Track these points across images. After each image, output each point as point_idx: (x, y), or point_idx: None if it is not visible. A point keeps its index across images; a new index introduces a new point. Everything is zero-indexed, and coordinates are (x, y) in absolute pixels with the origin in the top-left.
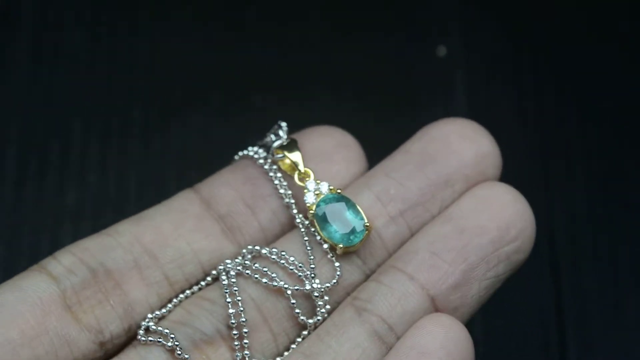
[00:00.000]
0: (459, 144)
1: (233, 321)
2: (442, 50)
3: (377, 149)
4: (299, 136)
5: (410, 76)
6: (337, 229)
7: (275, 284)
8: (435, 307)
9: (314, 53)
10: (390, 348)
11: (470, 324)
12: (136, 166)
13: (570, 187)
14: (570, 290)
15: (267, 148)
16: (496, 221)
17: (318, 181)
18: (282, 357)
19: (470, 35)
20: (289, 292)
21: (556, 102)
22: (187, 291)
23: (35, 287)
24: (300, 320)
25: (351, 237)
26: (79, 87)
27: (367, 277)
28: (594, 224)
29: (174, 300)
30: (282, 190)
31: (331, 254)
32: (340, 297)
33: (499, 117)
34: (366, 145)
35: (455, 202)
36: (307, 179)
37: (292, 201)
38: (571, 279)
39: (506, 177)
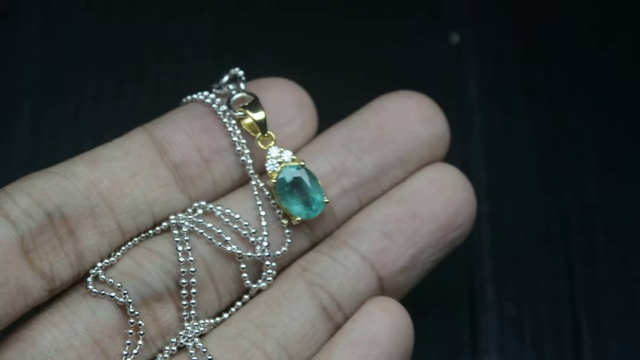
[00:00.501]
0: (417, 124)
1: (184, 281)
2: (455, 38)
3: None
4: (255, 86)
5: (422, 63)
6: (297, 202)
7: (229, 248)
8: (382, 287)
9: (325, 40)
10: (337, 326)
11: (485, 312)
12: None
13: (583, 176)
14: (584, 279)
15: (225, 98)
16: (447, 208)
17: (281, 149)
18: (229, 321)
19: (483, 22)
20: (240, 257)
21: (568, 91)
22: (135, 239)
23: None
24: (245, 284)
25: (309, 212)
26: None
27: (314, 244)
28: (606, 214)
29: (122, 248)
30: (239, 148)
31: (283, 220)
32: (285, 262)
33: (510, 104)
34: None
35: (408, 181)
36: (269, 143)
37: (250, 161)
38: (584, 269)
39: (518, 166)
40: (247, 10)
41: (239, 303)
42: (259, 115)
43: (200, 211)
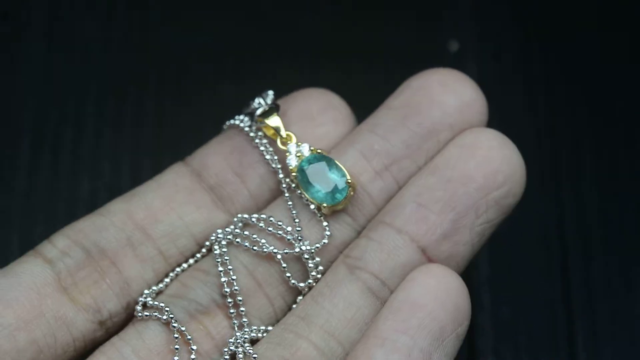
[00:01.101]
0: (441, 94)
1: (227, 289)
2: (454, 46)
3: None
4: (285, 101)
5: (421, 70)
6: (320, 189)
7: (265, 249)
8: (427, 257)
9: (323, 43)
10: (384, 303)
11: (480, 315)
12: (150, 154)
13: (580, 179)
14: (579, 282)
15: (252, 115)
16: (482, 168)
17: (299, 143)
18: (282, 322)
19: (482, 24)
20: (278, 256)
21: (567, 94)
22: (184, 264)
23: (29, 271)
24: (291, 284)
25: (335, 195)
26: (92, 74)
27: (359, 233)
28: (603, 218)
29: (171, 274)
30: (267, 156)
31: (319, 214)
32: (333, 256)
33: (510, 109)
34: None
35: (441, 151)
36: (289, 142)
37: (279, 166)
38: (580, 271)
39: None
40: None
41: (294, 305)
42: (274, 121)
43: (240, 224)
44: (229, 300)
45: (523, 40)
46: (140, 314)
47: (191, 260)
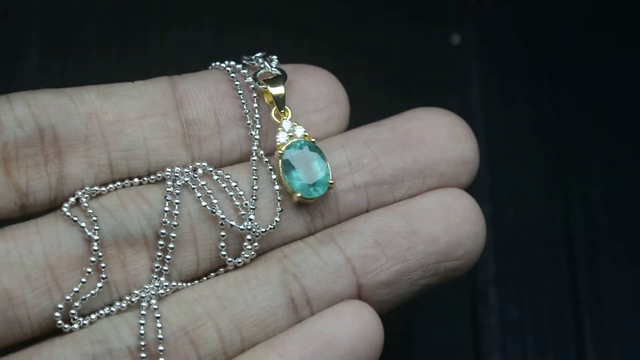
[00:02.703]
0: (446, 141)
1: (163, 231)
2: (456, 39)
3: None
4: (293, 69)
5: (423, 64)
6: (300, 177)
7: (214, 211)
8: (360, 295)
9: (327, 39)
10: (300, 321)
11: (487, 314)
12: None
13: (587, 177)
14: (587, 279)
15: (252, 70)
16: (449, 236)
17: (295, 123)
18: (194, 287)
19: (485, 23)
20: (222, 224)
21: (571, 92)
22: (127, 181)
23: None
24: (221, 255)
25: (311, 190)
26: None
27: (311, 234)
28: (610, 216)
29: (111, 185)
30: (249, 121)
31: (279, 197)
32: (275, 242)
33: (513, 105)
34: None
35: (420, 197)
36: (284, 117)
37: (257, 136)
38: (587, 270)
39: (521, 167)
40: None
41: (213, 274)
42: (278, 90)
43: (200, 171)
44: (161, 242)
45: (526, 38)
46: (67, 211)
47: (136, 181)
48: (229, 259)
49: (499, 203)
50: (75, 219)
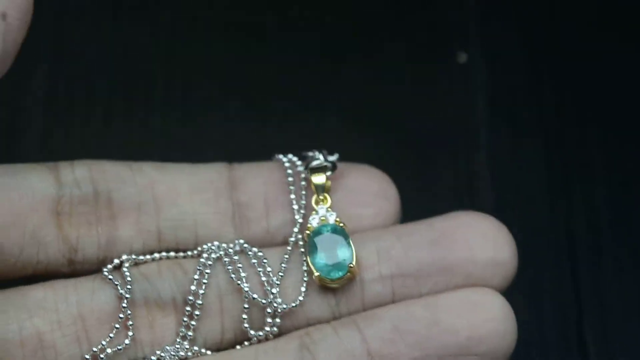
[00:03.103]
0: (478, 242)
1: (191, 298)
2: (462, 57)
3: (392, 149)
4: (347, 166)
5: (429, 83)
6: (323, 258)
7: (239, 283)
8: None
9: (334, 56)
10: None
11: None
12: None
13: (592, 194)
14: (589, 280)
15: (306, 161)
16: (470, 331)
17: (330, 209)
18: (212, 354)
19: (490, 39)
20: (246, 296)
21: (576, 106)
22: (172, 253)
23: (36, 180)
24: (244, 327)
25: (331, 272)
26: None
27: (335, 319)
28: (615, 232)
29: (156, 254)
30: (295, 206)
31: (305, 278)
32: (298, 323)
33: (519, 121)
34: (380, 144)
35: (446, 293)
36: (322, 203)
37: (300, 220)
38: (590, 272)
39: (525, 184)
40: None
41: (238, 347)
42: (319, 179)
43: (237, 247)
44: (188, 308)
45: (529, 56)
46: (106, 272)
47: (181, 254)
48: (252, 332)
49: (504, 219)
50: (110, 277)
